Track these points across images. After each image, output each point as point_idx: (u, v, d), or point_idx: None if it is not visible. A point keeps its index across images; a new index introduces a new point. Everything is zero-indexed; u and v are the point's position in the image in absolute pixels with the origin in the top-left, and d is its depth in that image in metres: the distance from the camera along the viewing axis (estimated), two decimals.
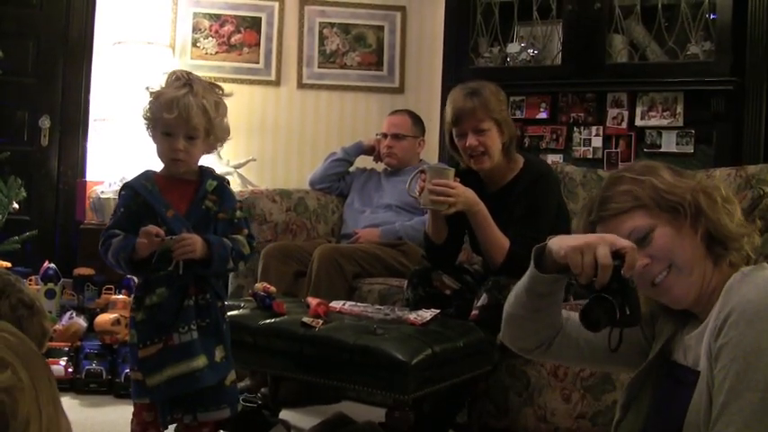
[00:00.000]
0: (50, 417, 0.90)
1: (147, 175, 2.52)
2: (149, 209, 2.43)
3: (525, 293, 1.75)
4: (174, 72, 2.52)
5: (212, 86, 2.52)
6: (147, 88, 2.52)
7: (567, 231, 3.17)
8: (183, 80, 2.47)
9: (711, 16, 4.18)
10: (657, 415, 1.66)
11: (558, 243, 1.62)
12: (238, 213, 2.55)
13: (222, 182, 2.54)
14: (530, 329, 1.82)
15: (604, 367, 2.55)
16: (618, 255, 1.55)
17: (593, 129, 4.48)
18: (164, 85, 2.49)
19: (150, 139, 2.53)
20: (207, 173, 2.54)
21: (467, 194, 3.06)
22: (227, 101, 2.54)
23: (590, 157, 4.48)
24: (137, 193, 2.46)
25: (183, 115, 2.40)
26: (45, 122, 5.03)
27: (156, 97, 2.46)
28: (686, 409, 1.54)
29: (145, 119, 2.51)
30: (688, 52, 4.23)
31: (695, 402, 1.52)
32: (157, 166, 2.56)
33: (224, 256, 2.44)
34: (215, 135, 2.51)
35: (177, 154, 2.44)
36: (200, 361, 2.40)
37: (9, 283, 1.61)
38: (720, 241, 1.64)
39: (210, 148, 2.55)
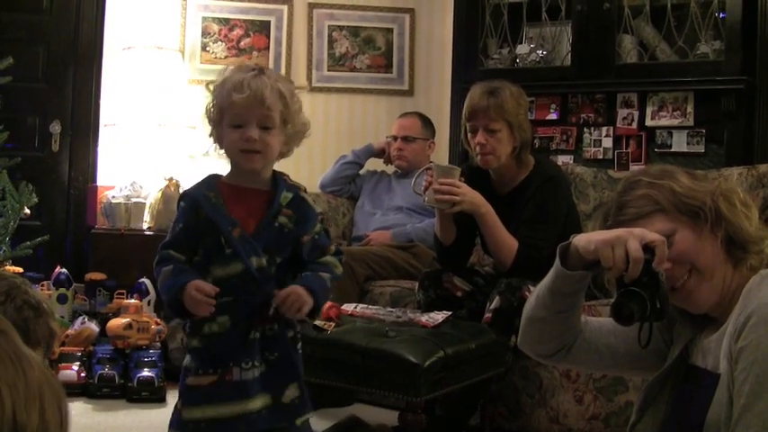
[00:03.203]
0: (12, 383, 0.85)
1: (210, 183, 2.14)
2: (212, 225, 2.07)
3: (549, 294, 1.73)
4: (239, 64, 2.21)
5: (285, 77, 2.20)
6: (208, 84, 2.17)
7: (578, 233, 3.16)
8: (251, 66, 2.14)
9: (721, 15, 4.16)
10: (676, 418, 1.66)
11: (587, 238, 1.61)
12: (317, 227, 2.18)
13: (298, 192, 2.18)
14: (551, 333, 1.79)
15: (623, 372, 2.53)
16: (648, 248, 1.54)
17: (604, 129, 4.47)
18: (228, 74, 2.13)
19: (213, 148, 2.19)
20: (281, 181, 2.17)
21: (472, 195, 3.05)
22: None
23: (600, 157, 4.46)
24: (199, 206, 2.08)
25: (256, 95, 2.04)
26: (56, 128, 5.04)
27: (222, 83, 2.10)
28: (705, 412, 1.53)
29: (209, 118, 2.15)
30: (698, 51, 4.21)
31: (715, 405, 1.51)
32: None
33: (327, 297, 2.17)
34: (293, 125, 2.13)
35: (251, 144, 2.06)
36: (257, 403, 2.06)
37: (14, 285, 1.62)
38: (740, 245, 1.63)
39: (289, 143, 2.17)
